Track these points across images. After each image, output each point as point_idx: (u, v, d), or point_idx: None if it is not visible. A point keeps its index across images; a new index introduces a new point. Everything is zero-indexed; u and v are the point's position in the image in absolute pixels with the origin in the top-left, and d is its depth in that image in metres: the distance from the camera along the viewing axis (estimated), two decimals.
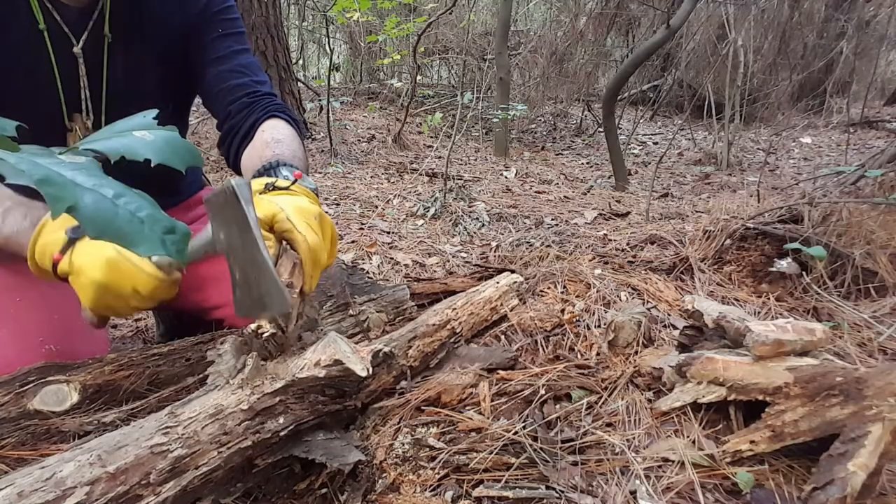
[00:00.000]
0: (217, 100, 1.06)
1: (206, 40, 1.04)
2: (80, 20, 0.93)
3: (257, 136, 0.99)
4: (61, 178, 0.30)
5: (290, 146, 0.95)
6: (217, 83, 1.05)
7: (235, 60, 1.05)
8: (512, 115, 3.98)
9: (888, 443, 0.64)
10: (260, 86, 1.06)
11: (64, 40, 0.92)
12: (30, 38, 0.90)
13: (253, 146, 0.99)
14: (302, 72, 6.69)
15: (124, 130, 0.39)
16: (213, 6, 1.04)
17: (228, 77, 1.04)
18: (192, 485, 0.61)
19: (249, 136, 1.01)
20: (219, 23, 1.05)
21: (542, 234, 2.11)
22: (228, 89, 1.04)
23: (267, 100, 1.05)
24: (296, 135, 1.01)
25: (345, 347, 0.73)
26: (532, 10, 7.46)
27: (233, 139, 1.04)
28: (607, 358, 0.98)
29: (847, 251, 1.28)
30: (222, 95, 1.05)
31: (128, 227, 0.31)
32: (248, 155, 0.99)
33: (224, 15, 1.06)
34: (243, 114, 1.03)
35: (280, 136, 0.97)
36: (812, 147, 4.84)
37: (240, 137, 1.02)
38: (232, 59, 1.05)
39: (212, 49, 1.04)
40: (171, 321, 1.39)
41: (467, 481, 0.71)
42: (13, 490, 0.53)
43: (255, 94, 1.05)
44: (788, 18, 5.29)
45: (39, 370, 0.79)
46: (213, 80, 1.05)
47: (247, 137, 1.01)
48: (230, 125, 1.04)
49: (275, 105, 1.05)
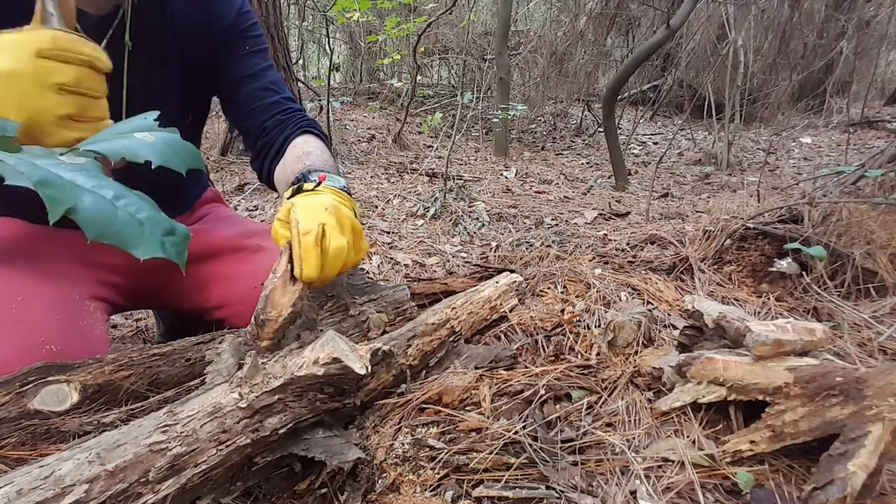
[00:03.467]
0: (250, 117, 1.08)
1: (233, 57, 1.06)
2: (100, 28, 0.90)
3: (288, 152, 1.02)
4: (60, 179, 0.30)
5: (321, 157, 0.98)
6: (250, 101, 1.07)
7: (266, 78, 1.08)
8: (512, 115, 3.98)
9: (888, 443, 0.64)
10: (290, 103, 1.09)
11: None
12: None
13: (284, 161, 1.02)
14: (302, 72, 6.69)
15: (125, 132, 0.39)
16: (241, 24, 1.06)
17: (262, 95, 1.07)
18: (192, 483, 0.61)
19: (281, 153, 1.04)
20: (246, 40, 1.07)
21: (542, 234, 2.11)
22: (262, 108, 1.07)
23: (298, 116, 1.08)
24: (325, 147, 1.04)
25: (343, 346, 0.73)
26: (532, 10, 7.46)
27: (266, 155, 1.07)
28: (607, 358, 0.98)
29: (847, 251, 1.28)
30: (256, 114, 1.07)
31: (127, 229, 0.31)
32: (281, 170, 1.02)
33: (250, 32, 1.08)
34: (276, 131, 1.06)
35: (310, 149, 1.00)
36: (812, 147, 4.84)
37: (273, 154, 1.05)
38: (262, 76, 1.08)
39: (241, 67, 1.06)
40: (171, 321, 1.39)
41: (467, 481, 0.71)
42: (12, 488, 0.53)
43: (287, 111, 1.08)
44: (788, 18, 5.29)
45: (39, 370, 0.78)
46: (245, 99, 1.07)
47: (279, 154, 1.04)
48: (263, 142, 1.07)
49: (306, 121, 1.08)
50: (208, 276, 1.07)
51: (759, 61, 5.10)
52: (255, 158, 1.11)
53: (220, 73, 1.07)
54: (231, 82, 1.07)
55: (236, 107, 1.09)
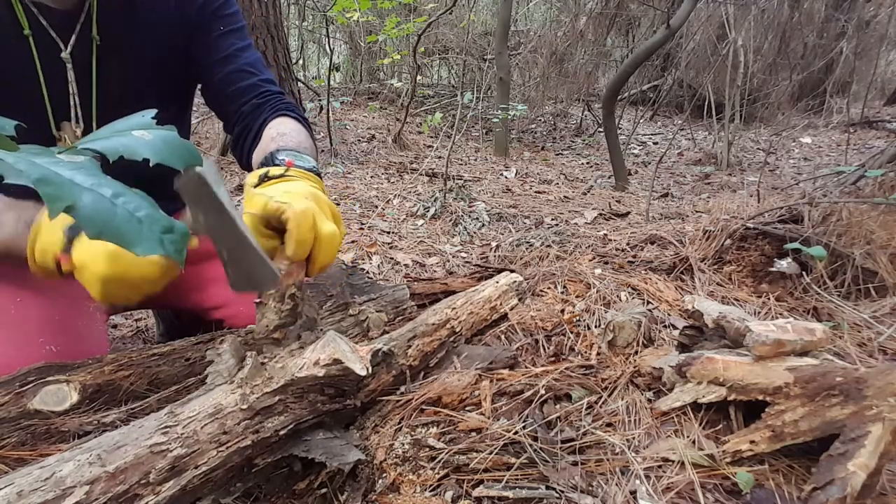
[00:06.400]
0: (227, 102, 1.04)
1: (207, 40, 1.02)
2: (66, 24, 0.88)
3: (264, 134, 0.98)
4: (59, 177, 0.30)
5: (295, 138, 0.94)
6: (225, 85, 1.03)
7: (241, 60, 1.04)
8: (512, 115, 3.98)
9: (888, 443, 0.64)
10: (268, 84, 1.05)
11: (51, 45, 0.88)
12: (13, 43, 0.86)
13: (260, 145, 0.98)
14: (302, 72, 6.69)
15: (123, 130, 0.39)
16: (211, 3, 1.02)
17: (237, 79, 1.03)
18: (192, 484, 0.61)
19: (258, 137, 1.00)
20: (219, 20, 1.02)
21: (542, 234, 2.11)
22: (238, 92, 1.03)
23: (275, 99, 1.04)
24: (301, 128, 1.00)
25: (344, 346, 0.73)
26: (532, 10, 7.46)
27: (244, 140, 1.03)
28: (607, 358, 0.98)
29: (847, 251, 1.28)
30: (232, 98, 1.03)
31: (126, 227, 0.31)
32: (257, 154, 0.98)
33: (223, 11, 1.03)
34: (253, 115, 1.02)
35: (284, 131, 0.96)
36: (812, 147, 4.84)
37: (251, 139, 1.02)
38: (237, 58, 1.03)
39: (215, 49, 1.02)
40: (171, 321, 1.39)
41: (467, 481, 0.71)
42: (12, 489, 0.53)
43: (264, 93, 1.04)
44: (788, 18, 5.29)
45: (39, 370, 0.79)
46: (221, 82, 1.03)
47: (256, 138, 1.01)
48: (241, 127, 1.04)
49: (283, 104, 1.04)
50: (208, 276, 1.07)
51: (759, 61, 5.10)
52: (234, 145, 1.07)
53: (195, 58, 1.02)
54: (206, 66, 1.03)
55: (213, 91, 1.05)
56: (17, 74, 0.87)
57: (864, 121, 5.36)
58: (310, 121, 1.09)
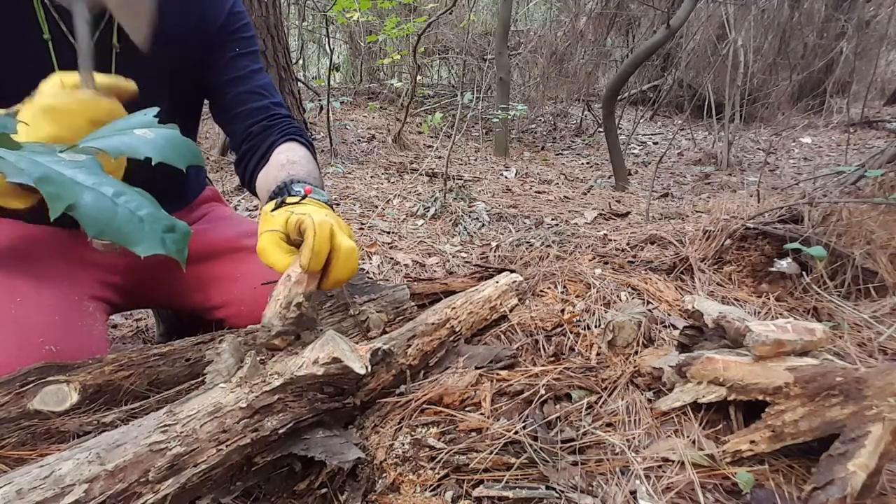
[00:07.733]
0: (236, 121, 1.06)
1: (223, 58, 1.04)
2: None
3: (273, 158, 1.00)
4: (61, 176, 0.30)
5: (305, 167, 0.97)
6: (237, 104, 1.05)
7: (255, 81, 1.06)
8: (512, 115, 3.98)
9: (888, 443, 0.64)
10: (278, 108, 1.08)
11: (70, 51, 0.87)
12: (33, 48, 0.87)
13: (268, 168, 1.00)
14: (302, 72, 6.69)
15: (125, 128, 0.39)
16: (231, 24, 1.04)
17: (248, 99, 1.05)
18: (191, 483, 0.61)
19: (265, 159, 1.02)
20: (237, 41, 1.05)
21: (542, 234, 2.11)
22: (249, 112, 1.05)
23: (285, 122, 1.06)
24: (311, 157, 1.02)
25: (343, 345, 0.73)
26: (532, 10, 7.46)
27: (249, 160, 1.05)
28: (607, 358, 0.98)
29: (847, 251, 1.28)
30: (242, 117, 1.05)
31: (127, 226, 0.31)
32: (264, 177, 1.01)
33: (242, 33, 1.06)
34: (261, 136, 1.04)
35: (295, 158, 0.98)
36: (812, 147, 4.84)
37: (256, 159, 1.04)
38: (251, 79, 1.06)
39: (230, 68, 1.05)
40: (171, 321, 1.39)
41: (467, 481, 0.71)
42: (11, 488, 0.53)
43: (274, 116, 1.06)
44: (788, 18, 5.29)
45: (39, 370, 0.78)
46: (232, 101, 1.05)
47: (263, 159, 1.02)
48: (248, 146, 1.05)
49: (292, 128, 1.06)
50: (208, 276, 1.07)
51: (759, 61, 5.10)
52: (238, 162, 1.09)
53: (209, 74, 1.05)
54: (219, 84, 1.05)
55: (223, 109, 1.08)
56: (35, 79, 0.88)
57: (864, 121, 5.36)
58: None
